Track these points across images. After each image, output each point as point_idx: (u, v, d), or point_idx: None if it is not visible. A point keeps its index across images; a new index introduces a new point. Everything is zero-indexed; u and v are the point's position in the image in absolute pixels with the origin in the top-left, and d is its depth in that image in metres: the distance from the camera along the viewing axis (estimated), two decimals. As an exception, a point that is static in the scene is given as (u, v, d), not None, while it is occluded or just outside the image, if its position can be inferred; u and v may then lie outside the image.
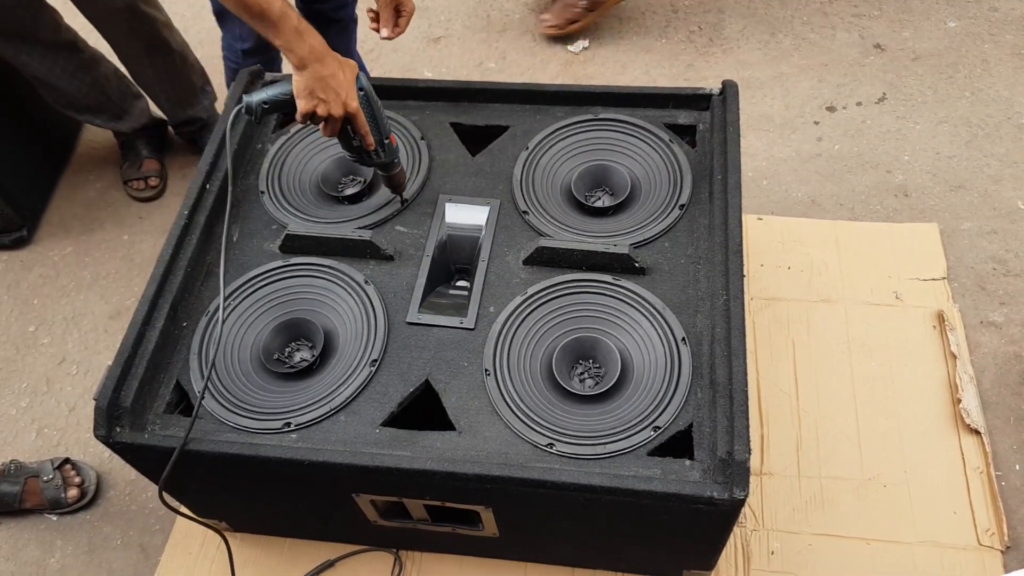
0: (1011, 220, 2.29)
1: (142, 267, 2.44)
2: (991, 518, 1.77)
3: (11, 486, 1.95)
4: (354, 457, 1.35)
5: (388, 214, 1.65)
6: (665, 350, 1.44)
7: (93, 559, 1.95)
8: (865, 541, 1.77)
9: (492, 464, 1.33)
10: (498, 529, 1.56)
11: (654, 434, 1.35)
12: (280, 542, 1.85)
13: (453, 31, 2.99)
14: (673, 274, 1.53)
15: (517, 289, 1.53)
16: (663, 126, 1.72)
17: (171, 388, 1.48)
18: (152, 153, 2.60)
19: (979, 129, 2.51)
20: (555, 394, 1.44)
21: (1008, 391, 1.99)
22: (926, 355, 2.01)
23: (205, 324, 1.53)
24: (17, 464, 1.99)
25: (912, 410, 1.93)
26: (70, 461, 2.00)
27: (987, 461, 1.84)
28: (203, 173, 1.66)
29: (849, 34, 2.79)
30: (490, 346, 1.46)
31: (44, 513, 1.99)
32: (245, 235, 1.66)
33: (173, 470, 1.34)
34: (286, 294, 1.57)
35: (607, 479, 1.29)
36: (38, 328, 2.36)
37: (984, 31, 2.76)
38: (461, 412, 1.41)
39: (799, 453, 1.89)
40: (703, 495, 1.27)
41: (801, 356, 2.04)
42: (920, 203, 2.36)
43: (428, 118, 1.79)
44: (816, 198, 2.40)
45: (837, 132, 2.55)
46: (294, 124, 1.79)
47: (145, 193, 2.58)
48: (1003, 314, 2.12)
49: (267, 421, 1.42)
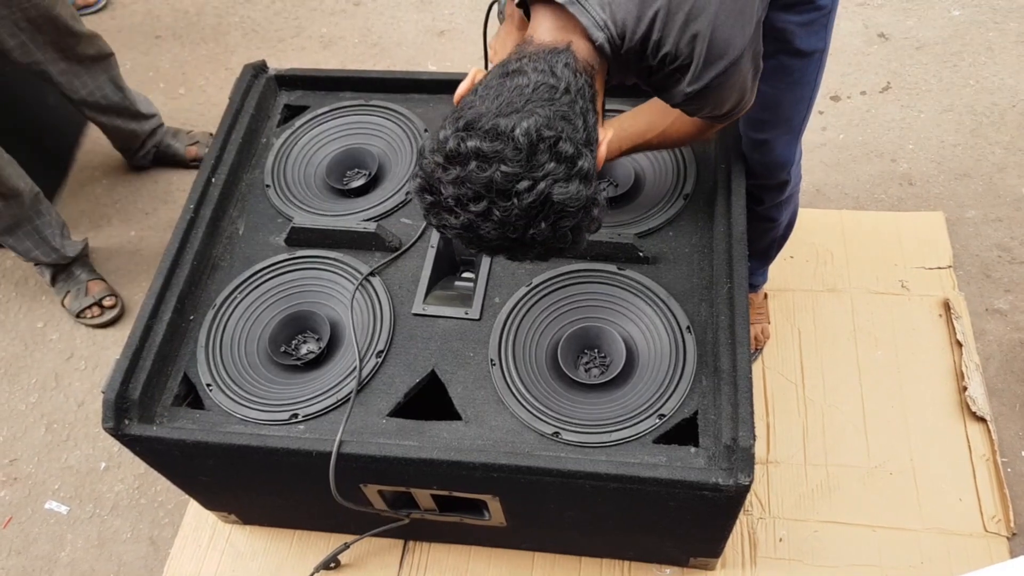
0: (1016, 208, 2.29)
1: (149, 262, 2.46)
2: (997, 505, 1.78)
3: None
4: (361, 447, 1.36)
5: (393, 206, 1.65)
6: (670, 338, 1.44)
7: (103, 552, 1.96)
8: (871, 528, 1.77)
9: (498, 453, 1.34)
10: (505, 518, 1.57)
11: (659, 422, 1.36)
12: (289, 534, 1.86)
13: (457, 24, 2.99)
14: (677, 263, 1.53)
15: (522, 279, 1.54)
16: (666, 116, 1.72)
17: (179, 381, 1.49)
18: (93, 275, 2.38)
19: (983, 117, 2.50)
20: (560, 383, 1.44)
21: (1014, 378, 1.99)
22: (932, 343, 2.01)
23: (212, 317, 1.54)
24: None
25: (918, 398, 1.93)
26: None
27: (993, 448, 1.84)
28: (208, 167, 1.67)
29: (853, 23, 2.78)
30: (495, 336, 1.47)
31: None
32: (251, 228, 1.67)
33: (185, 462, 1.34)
34: (292, 287, 1.58)
35: (613, 467, 1.30)
36: (46, 324, 2.37)
37: (988, 19, 2.75)
38: (467, 402, 1.42)
39: (805, 441, 1.90)
40: (708, 481, 1.27)
41: (807, 345, 2.04)
42: (925, 191, 2.35)
43: (432, 111, 1.79)
44: (821, 187, 2.39)
45: (841, 121, 2.55)
46: (299, 118, 1.80)
47: (105, 316, 2.33)
48: (1008, 301, 2.11)
49: (274, 413, 1.43)
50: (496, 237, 1.05)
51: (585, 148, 1.06)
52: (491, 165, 1.00)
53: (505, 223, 1.03)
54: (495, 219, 1.02)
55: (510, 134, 1.00)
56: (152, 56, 3.00)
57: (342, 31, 3.01)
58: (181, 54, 3.00)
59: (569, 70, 1.07)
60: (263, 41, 3.00)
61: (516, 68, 1.07)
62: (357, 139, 1.78)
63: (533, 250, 1.08)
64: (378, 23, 3.02)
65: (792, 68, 1.41)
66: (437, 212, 1.07)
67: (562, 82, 1.05)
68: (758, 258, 1.88)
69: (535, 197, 1.01)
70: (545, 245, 1.07)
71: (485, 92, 1.06)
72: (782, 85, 1.43)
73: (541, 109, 1.02)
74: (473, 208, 1.02)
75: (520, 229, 1.03)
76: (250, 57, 2.76)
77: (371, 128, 1.79)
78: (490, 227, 1.03)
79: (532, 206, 1.01)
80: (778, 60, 1.38)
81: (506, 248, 1.09)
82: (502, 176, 1.00)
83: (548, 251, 1.10)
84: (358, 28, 3.02)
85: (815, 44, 1.40)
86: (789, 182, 1.64)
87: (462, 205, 1.03)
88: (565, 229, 1.05)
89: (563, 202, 1.02)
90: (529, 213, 1.02)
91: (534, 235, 1.04)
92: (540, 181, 1.01)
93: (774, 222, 1.75)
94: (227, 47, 2.99)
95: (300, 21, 3.06)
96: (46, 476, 2.10)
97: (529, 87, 1.04)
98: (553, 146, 1.02)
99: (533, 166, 1.01)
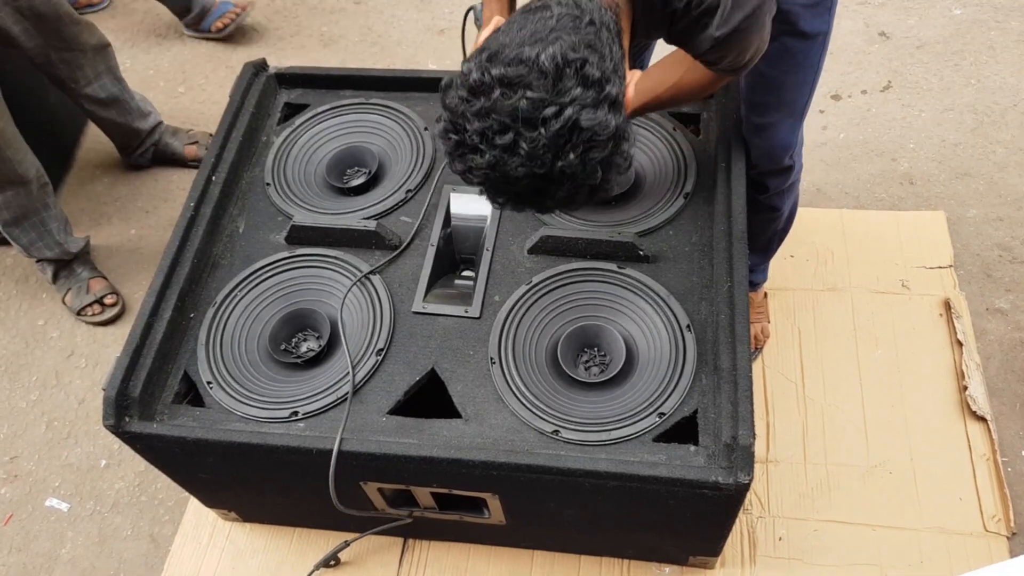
0: (1017, 207, 2.29)
1: (149, 260, 2.46)
2: (997, 504, 1.77)
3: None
4: (361, 445, 1.36)
5: (393, 204, 1.65)
6: (670, 337, 1.44)
7: (104, 550, 1.97)
8: (871, 527, 1.77)
9: (498, 451, 1.34)
10: (505, 516, 1.57)
11: (659, 420, 1.36)
12: (289, 532, 1.86)
13: (457, 23, 2.99)
14: (678, 262, 1.53)
15: (522, 278, 1.54)
16: (667, 115, 1.72)
17: (179, 378, 1.49)
18: (94, 272, 2.38)
19: (985, 116, 2.50)
20: (560, 382, 1.44)
21: (1014, 378, 1.99)
22: (932, 342, 2.01)
23: (212, 315, 1.54)
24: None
25: (918, 397, 1.93)
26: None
27: (993, 448, 1.84)
28: (208, 165, 1.67)
29: (854, 22, 2.78)
30: (495, 335, 1.47)
31: None
32: (251, 226, 1.67)
33: (185, 459, 1.35)
34: (292, 285, 1.58)
35: (613, 465, 1.30)
36: (47, 322, 2.37)
37: (990, 18, 2.74)
38: (467, 400, 1.42)
39: (805, 440, 1.90)
40: (708, 480, 1.27)
41: (807, 344, 2.04)
42: (926, 191, 2.35)
43: (432, 109, 1.79)
44: (822, 187, 2.39)
45: (842, 120, 2.54)
46: (299, 117, 1.80)
47: (106, 315, 2.33)
48: (1009, 301, 2.11)
49: (275, 410, 1.43)
50: (524, 175, 1.01)
51: (613, 75, 1.03)
52: (516, 92, 0.98)
53: (532, 156, 1.00)
54: (522, 152, 0.99)
55: (535, 60, 0.98)
56: (152, 55, 3.00)
57: (342, 29, 3.01)
58: (181, 53, 3.00)
59: (594, 3, 1.06)
60: (263, 39, 3.00)
61: (540, 4, 1.06)
62: (357, 137, 1.78)
63: (562, 188, 1.04)
64: (378, 21, 3.02)
65: (796, 50, 1.42)
66: (462, 153, 1.05)
67: (587, 14, 1.04)
68: (759, 252, 1.89)
69: (563, 123, 0.98)
70: (574, 181, 1.03)
71: (508, 27, 1.05)
72: (785, 67, 1.44)
73: (567, 36, 1.00)
74: (499, 141, 1.00)
75: (548, 162, 1.00)
76: (250, 55, 2.76)
77: (371, 126, 1.79)
78: (517, 162, 1.00)
79: (560, 134, 0.98)
80: (782, 42, 1.38)
81: (534, 190, 1.05)
82: (528, 103, 0.98)
83: (577, 191, 1.06)
84: (358, 26, 3.02)
85: (819, 27, 1.40)
86: (793, 167, 1.64)
87: (487, 140, 1.00)
88: (594, 162, 1.02)
89: (592, 128, 0.99)
90: (557, 142, 0.99)
91: (563, 168, 1.01)
92: (567, 107, 0.98)
93: (777, 211, 1.75)
94: (227, 45, 2.99)
95: (300, 19, 3.06)
96: (47, 473, 2.10)
97: (553, 18, 1.03)
98: (580, 70, 0.99)
99: (560, 91, 0.99)
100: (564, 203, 1.10)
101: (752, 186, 1.58)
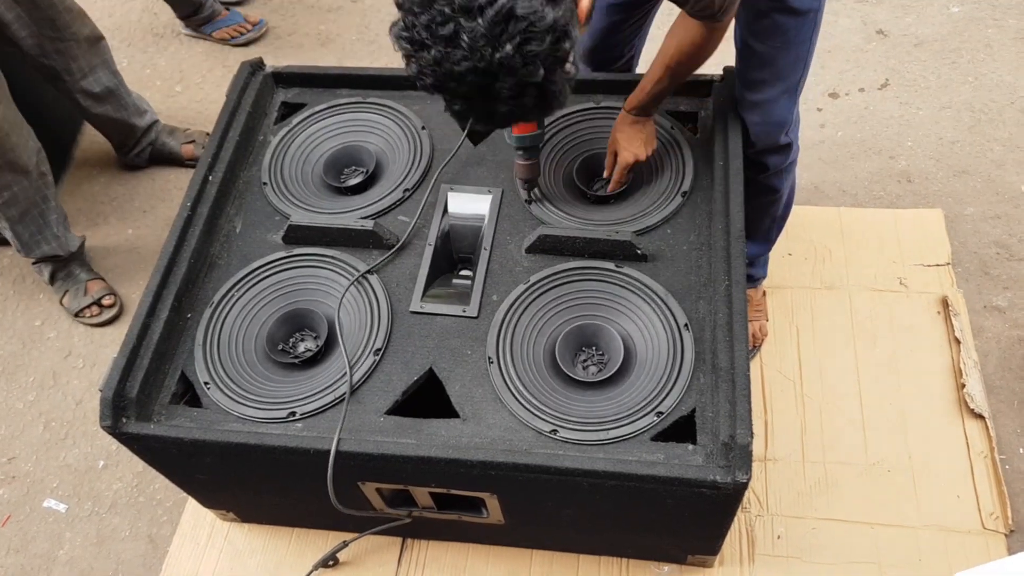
0: (1014, 205, 2.29)
1: (146, 260, 2.45)
2: (995, 502, 1.78)
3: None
4: (359, 445, 1.36)
5: (390, 204, 1.65)
6: (668, 336, 1.44)
7: (102, 551, 1.96)
8: (869, 525, 1.77)
9: (496, 450, 1.34)
10: (503, 516, 1.57)
11: (657, 419, 1.36)
12: (287, 532, 1.86)
13: (454, 22, 2.99)
14: (675, 261, 1.53)
15: (520, 277, 1.53)
16: (665, 113, 1.71)
17: (176, 379, 1.49)
18: (92, 274, 2.38)
19: (982, 114, 2.50)
20: (558, 381, 1.44)
21: (1012, 375, 1.99)
22: (930, 340, 2.01)
23: (209, 315, 1.54)
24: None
25: (916, 395, 1.93)
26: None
27: (991, 445, 1.84)
28: (205, 165, 1.67)
29: (851, 20, 2.77)
30: (493, 334, 1.46)
31: None
32: (248, 226, 1.67)
33: (183, 460, 1.34)
34: (290, 284, 1.58)
35: (611, 464, 1.30)
36: (44, 322, 2.37)
37: (987, 16, 2.74)
38: (465, 400, 1.42)
39: (803, 439, 1.90)
40: (706, 479, 1.27)
41: (805, 343, 2.04)
42: (923, 189, 2.35)
43: (430, 108, 1.79)
44: (819, 185, 2.39)
45: (840, 119, 2.54)
46: (296, 116, 1.80)
47: (104, 316, 2.32)
48: (1007, 298, 2.11)
49: (272, 411, 1.43)
50: (466, 69, 1.05)
51: None
52: None
53: (473, 48, 1.04)
54: (464, 44, 1.04)
55: None
56: (149, 54, 2.99)
57: (339, 28, 3.01)
58: (178, 52, 2.99)
59: None
60: (260, 38, 2.99)
61: None
62: (354, 136, 1.77)
63: (506, 85, 1.08)
64: (375, 20, 3.02)
65: (787, 27, 1.45)
66: (415, 52, 1.08)
67: None
68: (760, 241, 1.90)
69: (496, 10, 1.02)
70: (515, 76, 1.07)
71: None
72: (778, 43, 1.47)
73: None
74: (441, 32, 1.04)
75: (488, 56, 1.04)
76: (247, 54, 2.76)
77: (368, 125, 1.78)
78: (459, 55, 1.04)
79: (495, 22, 1.02)
80: (772, 19, 1.43)
81: (480, 88, 1.08)
82: None
83: (523, 91, 1.09)
84: (355, 25, 3.01)
85: (809, 3, 1.44)
86: (791, 145, 1.66)
87: (432, 32, 1.05)
88: (533, 55, 1.06)
89: (527, 17, 1.03)
90: (493, 31, 1.03)
91: (501, 60, 1.04)
92: None
93: (776, 192, 1.76)
94: (224, 45, 2.98)
95: (297, 18, 3.05)
96: (44, 474, 2.09)
97: None
98: None
99: None
100: (514, 106, 1.12)
101: (752, 166, 1.62)
